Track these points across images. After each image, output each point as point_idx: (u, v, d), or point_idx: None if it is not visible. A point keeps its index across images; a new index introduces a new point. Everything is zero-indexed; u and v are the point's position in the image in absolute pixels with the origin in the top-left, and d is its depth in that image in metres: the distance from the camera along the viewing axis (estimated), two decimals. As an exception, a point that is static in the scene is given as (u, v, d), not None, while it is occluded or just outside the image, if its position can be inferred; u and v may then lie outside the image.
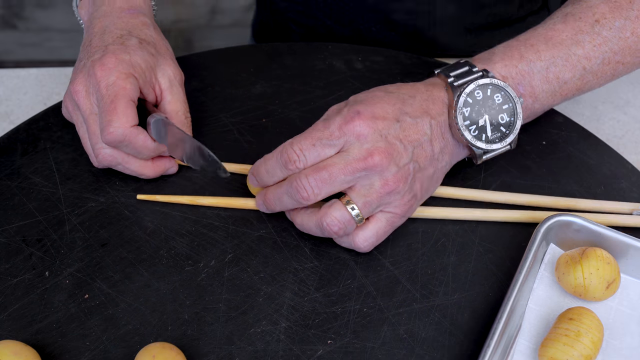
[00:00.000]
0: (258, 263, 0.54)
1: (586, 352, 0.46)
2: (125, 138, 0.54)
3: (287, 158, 0.51)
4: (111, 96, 0.54)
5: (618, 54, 0.57)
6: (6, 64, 1.91)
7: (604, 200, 0.57)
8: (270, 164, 0.53)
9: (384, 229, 0.53)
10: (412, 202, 0.53)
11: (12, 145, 0.62)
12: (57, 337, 0.50)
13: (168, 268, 0.54)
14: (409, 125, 0.52)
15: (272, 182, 0.53)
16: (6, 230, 0.56)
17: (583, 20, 0.56)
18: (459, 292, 0.53)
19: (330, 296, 0.52)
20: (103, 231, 0.56)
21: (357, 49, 0.71)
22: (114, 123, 0.53)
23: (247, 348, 0.49)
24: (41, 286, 0.52)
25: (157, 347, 0.47)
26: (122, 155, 0.56)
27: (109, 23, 0.59)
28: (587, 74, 0.57)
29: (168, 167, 0.59)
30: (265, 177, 0.53)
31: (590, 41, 0.56)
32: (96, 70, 0.55)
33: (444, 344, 0.50)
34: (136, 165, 0.57)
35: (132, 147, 0.55)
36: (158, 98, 0.59)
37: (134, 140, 0.54)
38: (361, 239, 0.52)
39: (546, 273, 0.53)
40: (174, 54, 0.62)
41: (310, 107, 0.65)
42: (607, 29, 0.56)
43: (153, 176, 0.58)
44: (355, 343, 0.50)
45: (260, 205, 0.55)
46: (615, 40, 0.56)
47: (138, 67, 0.56)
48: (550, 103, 0.58)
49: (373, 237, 0.52)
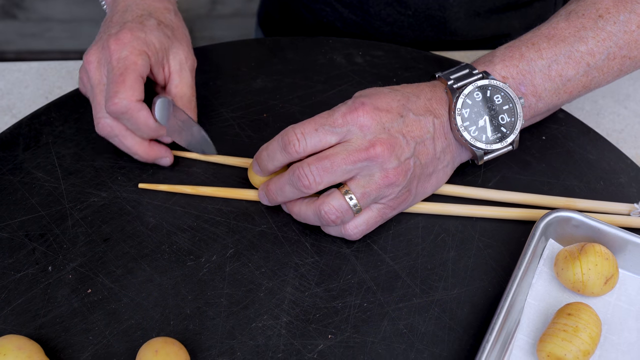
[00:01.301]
0: (259, 258, 0.54)
1: (584, 348, 0.46)
2: (128, 111, 0.54)
3: (287, 140, 0.51)
4: (121, 69, 0.55)
5: (624, 49, 0.56)
6: (6, 54, 1.91)
7: (602, 201, 0.58)
8: (271, 147, 0.53)
9: (375, 219, 0.53)
10: (406, 197, 0.53)
11: (14, 139, 0.62)
12: (61, 331, 0.50)
13: (170, 263, 0.54)
14: (412, 121, 0.52)
15: (272, 167, 0.54)
16: (9, 225, 0.56)
17: (586, 17, 0.56)
18: (459, 287, 0.53)
19: (331, 291, 0.53)
20: (105, 226, 0.56)
21: (357, 43, 0.71)
22: (120, 94, 0.54)
23: (248, 342, 0.50)
24: (44, 281, 0.53)
25: (159, 342, 0.47)
26: (121, 128, 0.57)
27: (131, 3, 0.60)
28: (592, 70, 0.56)
29: (162, 156, 0.59)
30: (265, 160, 0.54)
31: (594, 37, 0.56)
32: (110, 43, 0.56)
33: (443, 339, 0.50)
34: (132, 142, 0.58)
35: (134, 121, 0.56)
36: (166, 80, 0.60)
37: (136, 115, 0.55)
38: (352, 226, 0.53)
39: (545, 268, 0.53)
40: (191, 42, 0.63)
41: (311, 102, 0.66)
42: (612, 23, 0.56)
43: (145, 159, 0.59)
44: (355, 338, 0.50)
45: (262, 197, 0.56)
46: (620, 35, 0.56)
47: (152, 45, 0.57)
48: (555, 101, 0.57)
49: (363, 225, 0.53)
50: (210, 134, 0.62)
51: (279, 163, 0.53)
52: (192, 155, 0.61)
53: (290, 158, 0.52)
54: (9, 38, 1.89)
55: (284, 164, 0.53)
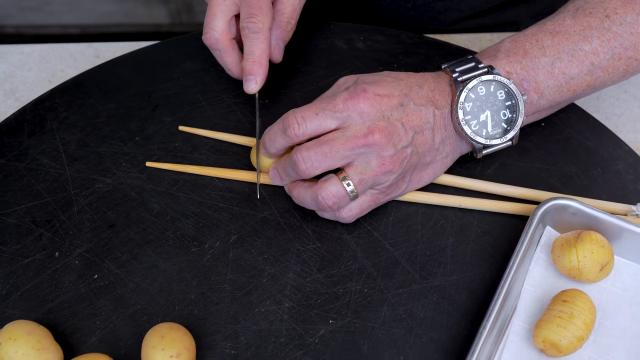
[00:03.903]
0: (262, 244, 0.56)
1: (578, 334, 0.48)
2: (217, 46, 0.61)
3: (287, 123, 0.52)
4: None
5: (629, 50, 0.56)
6: (5, 28, 1.90)
7: (600, 200, 0.58)
8: (272, 130, 0.54)
9: (368, 204, 0.55)
10: (400, 184, 0.54)
11: (19, 125, 0.63)
12: (68, 316, 0.52)
13: (174, 249, 0.55)
14: (412, 110, 0.53)
15: (274, 150, 0.55)
16: (16, 211, 0.57)
17: (593, 16, 0.56)
18: (457, 273, 0.54)
19: (332, 277, 0.54)
20: (110, 212, 0.57)
21: (359, 27, 0.71)
22: (212, 24, 0.60)
23: (251, 327, 0.51)
24: (51, 266, 0.54)
25: (165, 327, 0.48)
26: (225, 44, 0.61)
27: None
28: (597, 69, 0.56)
29: (255, 75, 0.60)
30: (268, 144, 0.55)
31: (599, 36, 0.55)
32: None
33: (441, 324, 0.52)
34: (230, 59, 0.62)
35: (219, 58, 0.62)
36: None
37: (223, 56, 0.62)
38: (346, 210, 0.54)
39: (542, 255, 0.54)
40: None
41: (313, 88, 0.66)
42: (618, 24, 0.55)
43: (238, 77, 0.64)
44: (356, 323, 0.51)
45: (272, 177, 0.57)
46: (626, 36, 0.55)
47: None
48: (557, 99, 0.57)
49: (357, 209, 0.54)
50: (213, 120, 0.63)
51: (280, 146, 0.54)
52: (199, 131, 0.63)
53: (290, 141, 0.53)
54: (8, 12, 1.88)
55: (285, 147, 0.54)
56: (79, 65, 0.73)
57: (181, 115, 0.64)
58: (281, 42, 0.63)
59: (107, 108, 0.64)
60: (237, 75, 0.63)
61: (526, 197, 0.58)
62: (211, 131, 0.62)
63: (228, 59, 0.62)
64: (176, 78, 0.67)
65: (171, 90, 0.66)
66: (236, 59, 0.62)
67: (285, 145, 0.54)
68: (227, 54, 0.62)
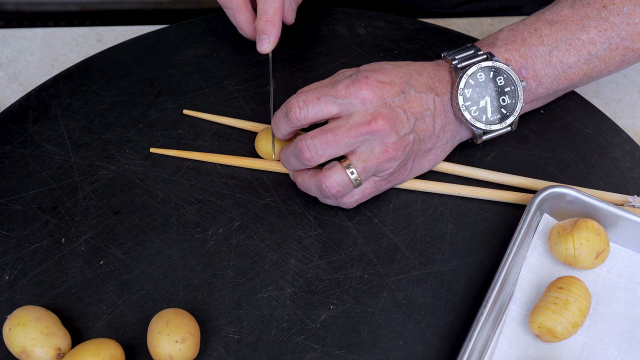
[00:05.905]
0: (264, 231, 0.57)
1: (573, 320, 0.49)
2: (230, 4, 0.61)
3: (289, 108, 0.53)
4: None
5: (626, 40, 0.56)
6: (5, 5, 1.89)
7: (598, 190, 0.59)
8: (276, 115, 0.55)
9: (370, 190, 0.55)
10: (402, 171, 0.55)
11: (23, 112, 0.63)
12: (75, 301, 0.53)
13: (178, 235, 0.56)
14: (413, 97, 0.53)
15: (279, 135, 0.56)
16: (22, 198, 0.58)
17: (591, 6, 0.56)
18: (456, 259, 0.55)
19: (333, 263, 0.55)
20: (115, 199, 0.58)
21: (360, 13, 0.71)
22: None
23: (254, 313, 0.52)
24: (58, 252, 0.55)
25: (170, 313, 0.50)
26: (239, 3, 0.61)
27: None
28: (593, 58, 0.57)
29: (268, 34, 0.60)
30: (273, 128, 0.56)
31: (596, 26, 0.56)
32: None
33: (440, 310, 0.53)
34: (243, 18, 0.62)
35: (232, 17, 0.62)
36: None
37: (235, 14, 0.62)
38: (347, 196, 0.55)
39: (539, 242, 0.56)
40: None
41: (314, 75, 0.67)
42: (615, 14, 0.56)
43: (250, 37, 0.63)
44: (356, 308, 0.53)
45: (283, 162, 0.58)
46: (623, 26, 0.56)
47: None
48: (555, 87, 0.58)
49: (359, 195, 0.55)
50: (215, 107, 0.63)
51: (284, 131, 0.55)
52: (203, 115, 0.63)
53: (292, 125, 0.54)
54: (8, -12, 1.87)
55: (288, 132, 0.55)
56: (81, 49, 0.74)
57: (184, 102, 0.64)
58: (294, 4, 0.63)
59: (110, 95, 0.65)
60: (249, 35, 0.63)
61: (524, 185, 0.59)
62: (215, 115, 0.63)
63: (241, 17, 0.62)
64: (178, 65, 0.67)
65: (174, 77, 0.66)
66: (249, 18, 0.62)
67: (288, 130, 0.54)
68: (240, 12, 0.62)
